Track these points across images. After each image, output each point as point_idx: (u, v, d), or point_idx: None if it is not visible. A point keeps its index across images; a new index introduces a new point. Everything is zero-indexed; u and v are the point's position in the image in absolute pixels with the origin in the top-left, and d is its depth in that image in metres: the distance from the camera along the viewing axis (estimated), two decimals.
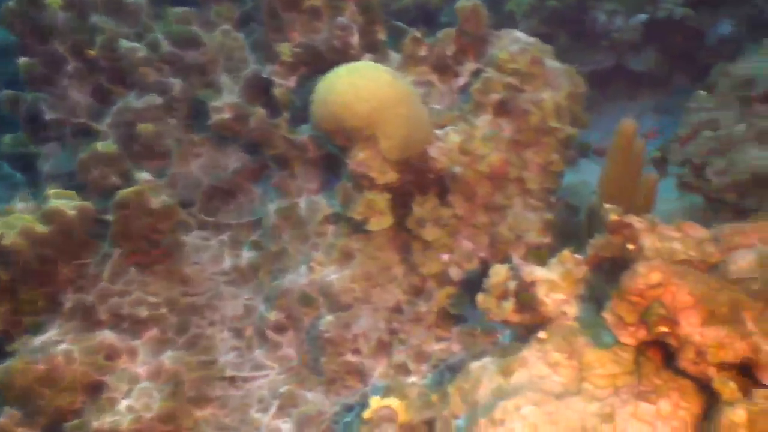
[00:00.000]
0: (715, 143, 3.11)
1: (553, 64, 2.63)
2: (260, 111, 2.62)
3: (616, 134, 1.88)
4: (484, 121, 2.47)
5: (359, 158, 2.19)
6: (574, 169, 4.70)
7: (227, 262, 2.60)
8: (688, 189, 3.25)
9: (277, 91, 2.64)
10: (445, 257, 2.47)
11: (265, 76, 2.69)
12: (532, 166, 2.52)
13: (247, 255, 2.62)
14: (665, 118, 4.97)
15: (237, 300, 2.54)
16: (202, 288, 2.50)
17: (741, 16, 4.31)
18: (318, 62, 2.62)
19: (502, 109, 2.50)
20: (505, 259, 1.99)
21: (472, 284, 2.45)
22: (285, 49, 2.62)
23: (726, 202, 2.98)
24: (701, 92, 3.41)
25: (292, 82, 2.70)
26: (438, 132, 2.45)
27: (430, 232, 2.41)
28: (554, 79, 2.56)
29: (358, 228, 2.43)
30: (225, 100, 2.62)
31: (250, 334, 2.47)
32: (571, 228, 2.48)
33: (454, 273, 2.46)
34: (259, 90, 2.75)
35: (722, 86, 3.25)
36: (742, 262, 1.55)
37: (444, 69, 2.78)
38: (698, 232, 1.66)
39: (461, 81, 2.79)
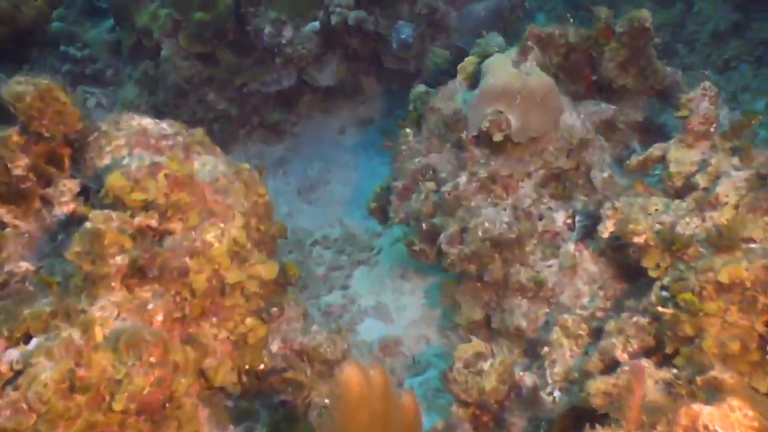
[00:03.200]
0: (440, 199, 2.51)
1: (211, 167, 1.61)
2: None
3: (341, 393, 0.98)
4: (107, 308, 1.36)
5: None
6: None
7: None
8: (421, 258, 2.63)
9: None
10: None
11: None
12: (217, 347, 1.51)
13: None
14: (369, 131, 4.39)
15: None
16: None
17: (418, 16, 3.84)
18: None
19: (138, 276, 1.41)
20: None
21: None
22: None
23: (468, 274, 2.41)
24: (407, 130, 2.77)
25: None
26: (14, 356, 1.25)
27: None
28: (218, 196, 1.55)
29: None
30: None
31: None
32: None
33: None
34: None
35: (430, 124, 2.65)
36: None
37: (21, 198, 1.55)
38: None
39: (61, 211, 1.61)
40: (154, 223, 1.43)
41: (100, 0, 4.44)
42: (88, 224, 1.35)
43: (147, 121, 1.63)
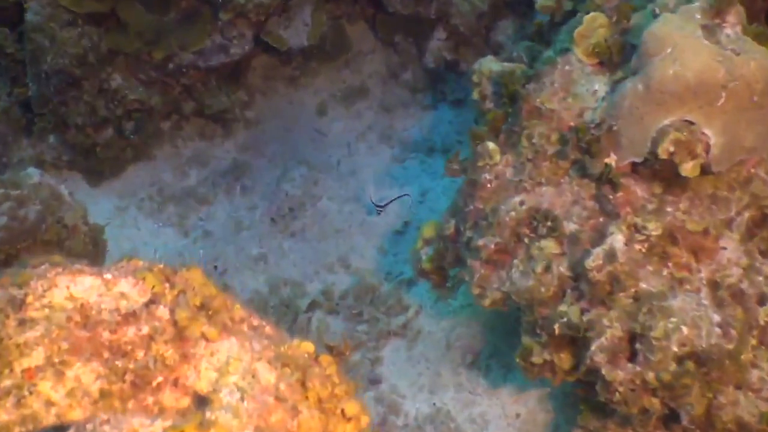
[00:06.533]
0: (573, 273, 1.68)
1: (243, 379, 0.76)
2: None
3: None
4: None
5: None
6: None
7: None
8: (545, 375, 1.79)
9: None
10: None
11: None
12: None
13: None
14: (363, 107, 3.47)
15: None
16: None
17: None
18: None
19: None
20: None
21: None
22: None
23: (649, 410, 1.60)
24: (489, 145, 1.91)
25: None
26: None
27: None
28: None
29: None
30: None
31: None
32: None
33: None
34: None
35: (535, 136, 1.80)
36: None
37: None
38: None
39: None
40: None
41: None
42: None
43: (86, 284, 0.76)
